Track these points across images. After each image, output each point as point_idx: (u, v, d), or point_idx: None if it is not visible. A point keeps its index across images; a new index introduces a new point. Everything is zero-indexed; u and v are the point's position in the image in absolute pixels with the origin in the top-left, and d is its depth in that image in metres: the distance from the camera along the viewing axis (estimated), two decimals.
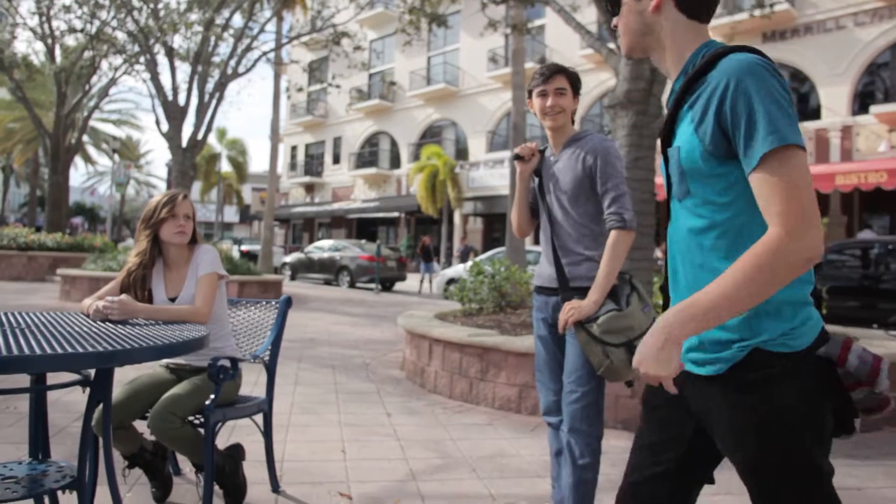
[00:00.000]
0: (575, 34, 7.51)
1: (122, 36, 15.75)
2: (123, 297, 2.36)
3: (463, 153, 28.07)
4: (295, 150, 37.39)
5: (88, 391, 2.00)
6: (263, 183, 33.64)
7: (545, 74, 2.44)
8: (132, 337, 1.88)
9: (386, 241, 30.31)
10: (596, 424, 2.34)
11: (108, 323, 2.22)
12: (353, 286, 18.18)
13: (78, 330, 1.98)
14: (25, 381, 2.18)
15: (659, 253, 15.99)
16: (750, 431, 1.18)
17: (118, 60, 18.20)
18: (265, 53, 16.31)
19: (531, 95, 2.50)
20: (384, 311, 11.66)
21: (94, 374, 2.00)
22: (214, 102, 15.12)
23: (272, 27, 20.56)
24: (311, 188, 35.82)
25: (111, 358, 1.68)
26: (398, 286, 19.52)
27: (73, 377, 2.08)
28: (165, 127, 14.65)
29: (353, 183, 32.96)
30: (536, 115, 2.50)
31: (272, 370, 2.93)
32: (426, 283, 18.80)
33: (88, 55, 18.23)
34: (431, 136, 29.85)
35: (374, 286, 17.34)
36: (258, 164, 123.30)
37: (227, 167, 39.86)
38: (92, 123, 32.61)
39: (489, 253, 15.64)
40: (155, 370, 2.73)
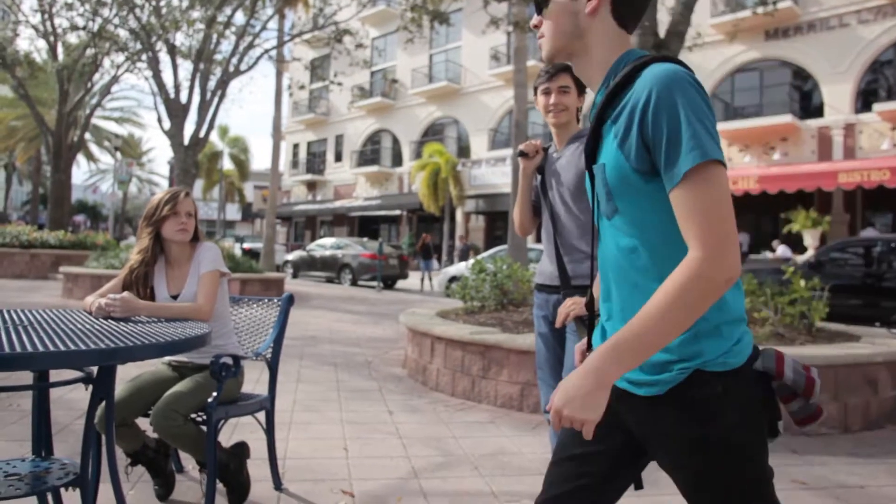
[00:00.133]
0: None
1: (124, 33, 15.77)
2: (126, 294, 2.36)
3: (465, 151, 28.06)
4: (297, 147, 37.41)
5: (91, 388, 2.00)
6: (265, 181, 33.67)
7: (550, 72, 2.44)
8: (134, 334, 1.88)
9: (388, 239, 30.33)
10: None
11: (110, 320, 2.22)
12: (355, 284, 18.20)
13: (80, 327, 1.98)
14: (28, 378, 2.18)
15: None
16: (696, 450, 1.15)
17: (120, 58, 18.24)
18: (267, 51, 16.32)
19: (536, 92, 2.50)
20: (386, 308, 11.67)
21: (96, 371, 2.01)
22: (216, 100, 15.13)
23: (274, 24, 20.63)
24: (312, 186, 35.84)
25: (114, 355, 1.69)
26: (400, 284, 19.53)
27: (75, 374, 2.09)
28: (167, 125, 14.68)
29: (354, 181, 32.97)
30: (541, 111, 2.50)
31: (274, 368, 2.93)
32: (426, 280, 18.81)
33: (90, 53, 18.27)
34: (433, 133, 29.84)
35: (375, 284, 17.35)
36: (260, 161, 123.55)
37: (229, 165, 39.91)
38: (94, 121, 32.64)
39: (491, 251, 15.64)
40: (157, 368, 2.73)
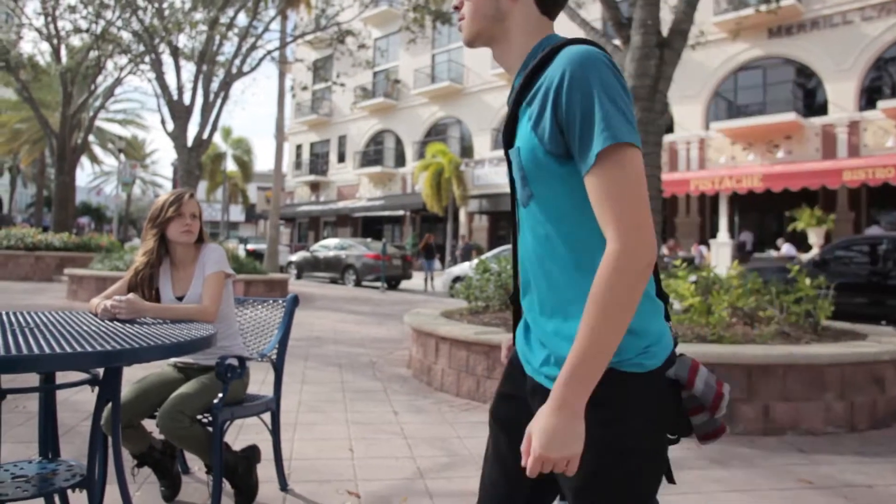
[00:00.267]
0: (579, 31, 7.48)
1: (127, 36, 15.84)
2: (131, 296, 2.37)
3: (468, 151, 28.06)
4: (300, 148, 37.45)
5: (97, 390, 2.00)
6: (269, 182, 33.76)
7: None
8: (140, 336, 1.89)
9: (391, 239, 30.33)
10: None
11: (116, 322, 2.23)
12: (358, 284, 18.20)
13: (86, 329, 1.98)
14: (35, 380, 2.19)
15: (665, 250, 15.98)
16: (592, 450, 1.07)
17: (123, 60, 18.32)
18: (270, 52, 16.35)
19: None
20: (390, 309, 11.67)
21: (102, 373, 2.01)
22: (219, 101, 15.17)
23: (276, 26, 20.59)
24: (316, 187, 35.87)
25: (120, 357, 1.69)
26: (404, 284, 19.54)
27: (82, 376, 2.09)
28: (171, 126, 14.72)
29: (358, 181, 32.99)
30: None
31: (279, 369, 2.93)
32: (428, 280, 18.81)
33: (94, 55, 18.32)
34: (436, 133, 29.84)
35: (379, 284, 17.35)
36: (263, 163, 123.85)
37: (232, 166, 40.01)
38: (98, 123, 32.71)
39: (495, 251, 15.62)
40: (163, 369, 2.73)
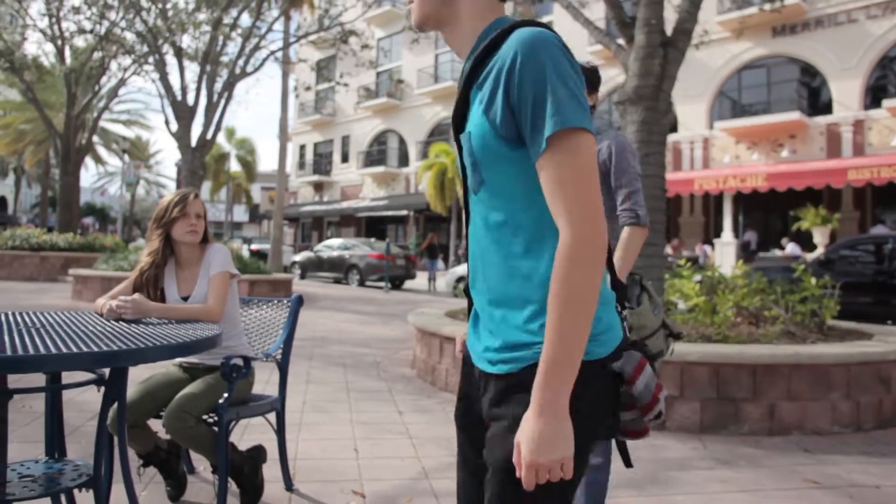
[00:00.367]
0: (583, 30, 7.46)
1: (130, 36, 15.86)
2: (136, 296, 2.37)
3: None
4: (303, 148, 37.49)
5: (103, 390, 2.01)
6: (272, 182, 33.79)
7: None
8: (146, 336, 1.89)
9: (395, 239, 30.33)
10: None
11: (121, 322, 2.23)
12: (362, 284, 18.21)
13: (92, 329, 1.98)
14: (40, 380, 2.19)
15: (669, 250, 15.95)
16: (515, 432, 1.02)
17: (127, 61, 18.34)
18: (273, 52, 16.36)
19: None
20: (394, 309, 11.67)
21: (108, 373, 2.01)
22: (223, 102, 15.18)
23: (280, 26, 20.69)
24: (319, 187, 35.91)
25: (126, 357, 1.69)
26: (408, 284, 19.53)
27: (87, 376, 2.09)
28: (175, 127, 14.74)
29: (361, 181, 33.01)
30: None
31: (284, 369, 2.94)
32: (432, 280, 18.80)
33: (98, 56, 18.36)
34: (440, 133, 29.83)
35: (383, 284, 17.35)
36: (267, 163, 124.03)
37: (236, 166, 40.03)
38: (102, 124, 32.79)
39: None
40: (168, 369, 2.73)
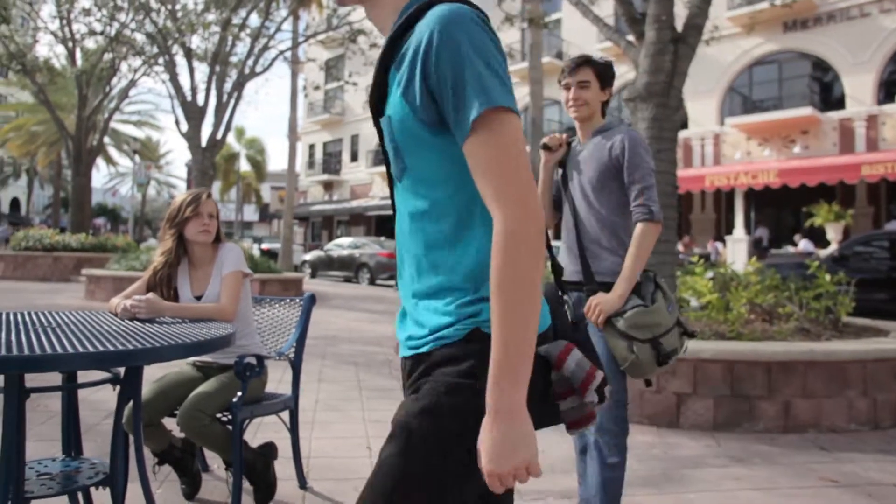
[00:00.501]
0: (592, 27, 7.44)
1: (140, 37, 15.95)
2: (150, 295, 2.38)
3: None
4: (313, 148, 37.57)
5: (118, 389, 2.02)
6: (282, 181, 33.89)
7: (570, 67, 2.42)
8: (160, 335, 1.90)
9: None
10: (622, 423, 2.31)
11: (135, 321, 2.24)
12: (373, 283, 18.24)
13: (107, 328, 1.99)
14: (56, 379, 2.21)
15: (680, 247, 15.87)
16: (435, 388, 0.99)
17: (137, 62, 18.45)
18: (282, 52, 16.41)
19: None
20: None
21: (123, 372, 2.03)
22: (233, 102, 15.25)
23: (288, 26, 20.68)
24: (329, 186, 35.98)
25: (142, 356, 1.70)
26: None
27: (103, 375, 2.11)
28: (185, 127, 14.82)
29: (371, 180, 33.05)
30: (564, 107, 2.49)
31: (297, 367, 2.94)
32: None
33: (108, 57, 18.48)
34: None
35: (394, 283, 17.38)
36: (276, 162, 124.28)
37: (245, 166, 40.25)
38: (113, 125, 32.98)
39: None
40: (182, 368, 2.75)
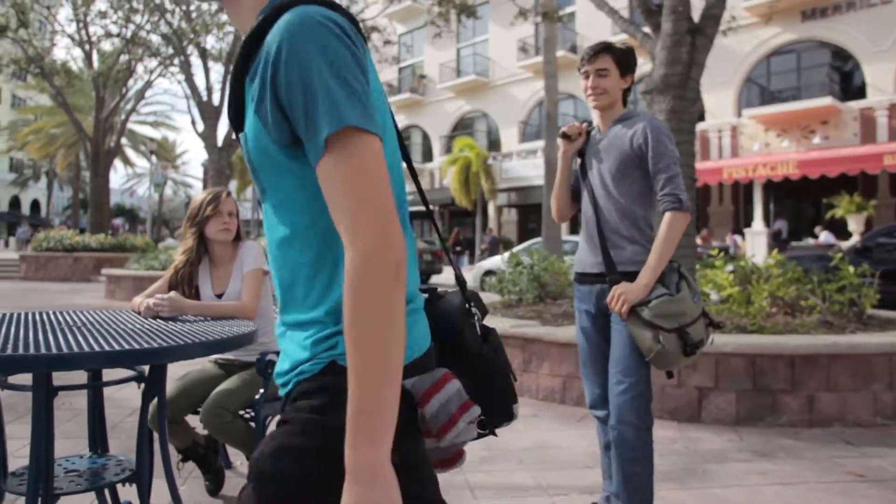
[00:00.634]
0: (606, 20, 7.38)
1: (156, 39, 16.10)
2: (173, 294, 2.40)
3: (495, 144, 27.95)
4: None
5: (143, 387, 2.03)
6: None
7: (588, 54, 2.38)
8: (183, 333, 1.90)
9: (420, 234, 30.39)
10: (645, 416, 2.27)
11: (158, 320, 2.26)
12: None
13: (131, 327, 2.01)
14: (82, 377, 2.23)
15: (698, 240, 15.71)
16: (290, 427, 0.91)
17: (153, 63, 18.63)
18: None
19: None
20: None
21: (148, 370, 2.04)
22: None
23: None
24: None
25: (166, 353, 1.71)
26: (434, 279, 19.55)
27: (128, 373, 2.12)
28: (201, 127, 14.94)
29: None
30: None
31: None
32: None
33: (124, 59, 18.68)
34: (463, 128, 29.78)
35: None
36: None
37: None
38: (130, 126, 33.35)
39: (525, 244, 15.53)
40: (204, 366, 2.76)
